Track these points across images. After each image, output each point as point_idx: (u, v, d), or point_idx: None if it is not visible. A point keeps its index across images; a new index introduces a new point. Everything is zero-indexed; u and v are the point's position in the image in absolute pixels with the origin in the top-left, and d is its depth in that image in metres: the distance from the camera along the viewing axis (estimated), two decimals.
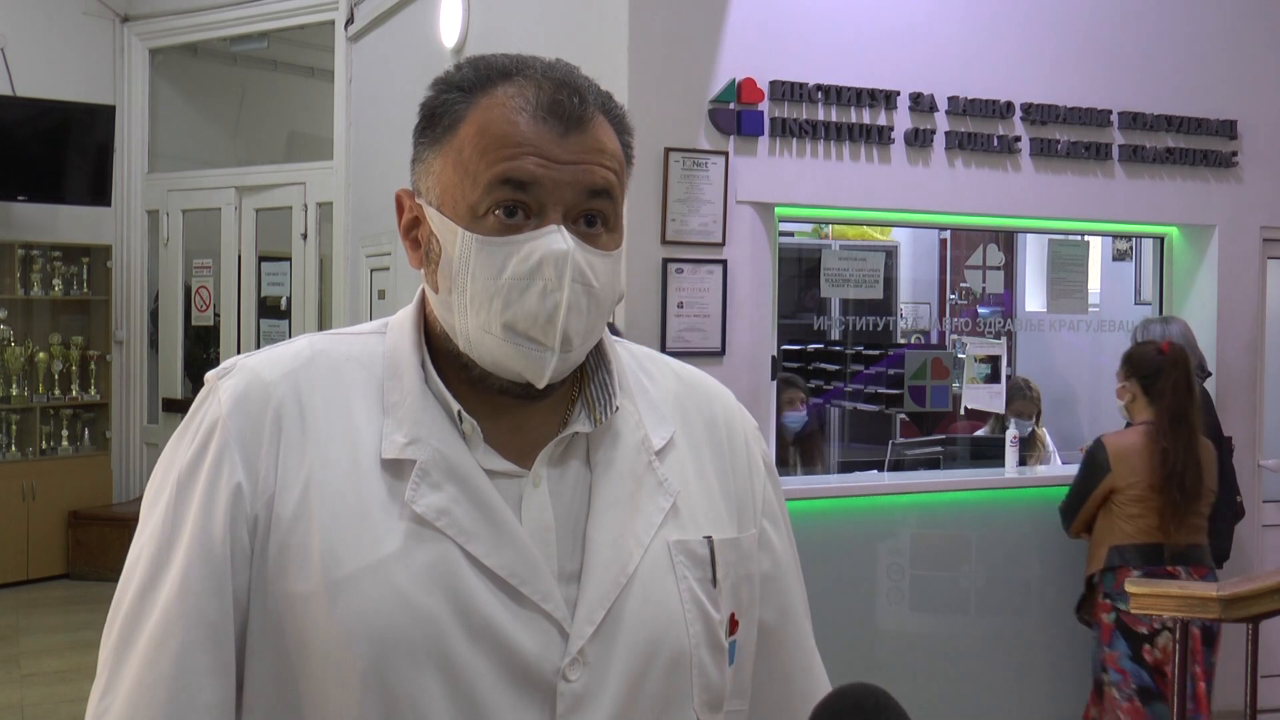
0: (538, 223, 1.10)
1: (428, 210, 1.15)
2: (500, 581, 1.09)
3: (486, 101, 1.12)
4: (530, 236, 1.10)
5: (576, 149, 1.11)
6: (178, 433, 1.15)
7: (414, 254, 1.19)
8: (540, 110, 1.11)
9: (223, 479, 1.09)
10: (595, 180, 1.12)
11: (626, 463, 1.18)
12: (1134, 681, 3.98)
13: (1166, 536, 4.01)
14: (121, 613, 1.10)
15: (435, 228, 1.14)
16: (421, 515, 1.09)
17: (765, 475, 1.30)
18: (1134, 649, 3.99)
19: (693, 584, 1.16)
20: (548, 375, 1.12)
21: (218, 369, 1.17)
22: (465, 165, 1.11)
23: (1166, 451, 4.00)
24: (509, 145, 1.10)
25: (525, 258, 1.09)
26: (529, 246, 1.09)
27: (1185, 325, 5.01)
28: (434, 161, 1.14)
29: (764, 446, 1.32)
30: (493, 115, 1.11)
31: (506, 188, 1.10)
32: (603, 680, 1.10)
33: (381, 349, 1.18)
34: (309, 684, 1.07)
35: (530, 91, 1.12)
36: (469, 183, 1.11)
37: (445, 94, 1.15)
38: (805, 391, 5.48)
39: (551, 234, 1.10)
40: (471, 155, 1.11)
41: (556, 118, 1.11)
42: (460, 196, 1.12)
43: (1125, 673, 3.99)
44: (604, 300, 1.13)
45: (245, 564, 1.09)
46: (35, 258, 8.14)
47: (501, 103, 1.12)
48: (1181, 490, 3.98)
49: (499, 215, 1.10)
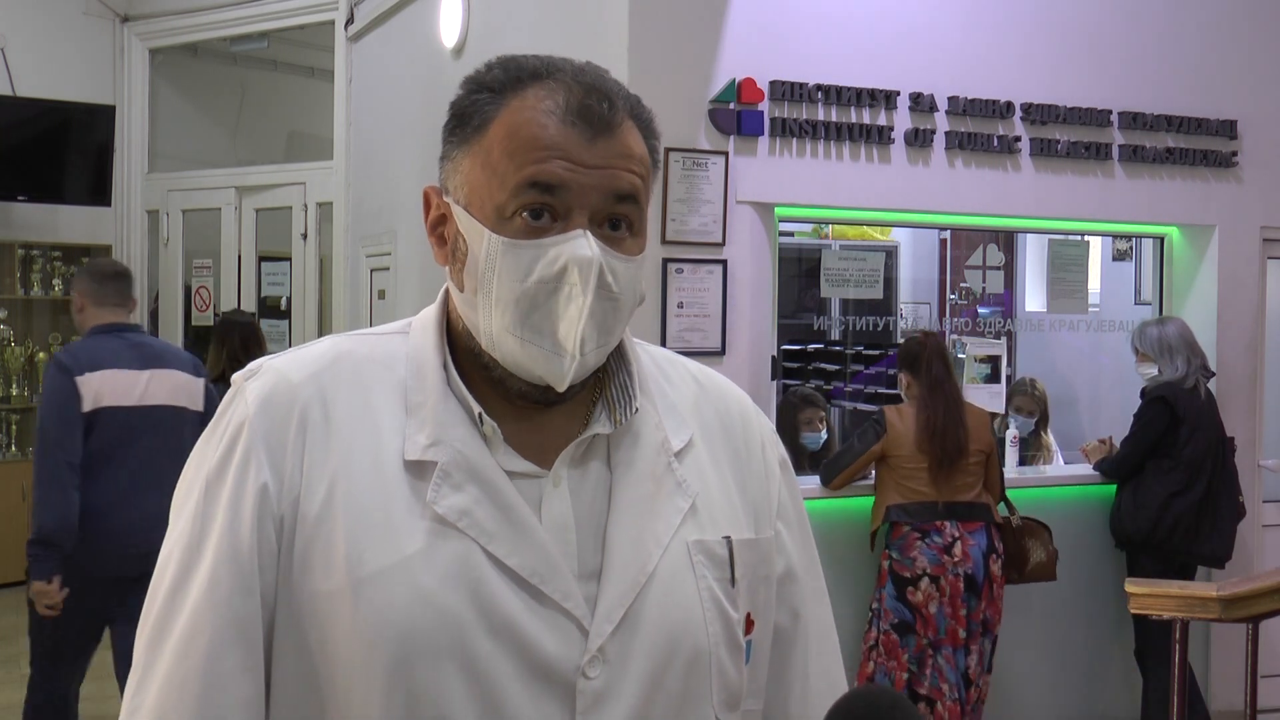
0: (563, 226, 1.11)
1: (455, 209, 1.16)
2: (521, 581, 1.10)
3: (516, 103, 1.13)
4: (556, 241, 1.10)
5: (604, 153, 1.12)
6: (205, 434, 1.18)
7: (439, 251, 1.20)
8: (570, 114, 1.12)
9: (249, 479, 1.11)
10: (622, 186, 1.13)
11: (646, 464, 1.19)
12: (895, 616, 4.39)
13: (938, 493, 4.41)
14: (154, 612, 1.13)
15: (462, 227, 1.15)
16: (443, 516, 1.10)
17: (781, 477, 1.30)
18: (899, 591, 4.39)
19: (711, 583, 1.17)
20: (567, 379, 1.13)
21: (244, 370, 1.19)
22: (493, 166, 1.12)
23: (929, 417, 4.43)
24: (537, 148, 1.10)
25: (551, 261, 1.10)
26: (555, 250, 1.10)
27: (1183, 324, 5.01)
28: (462, 161, 1.15)
29: (781, 449, 1.34)
30: (522, 117, 1.12)
31: (534, 191, 1.10)
32: (622, 678, 1.11)
33: (405, 349, 1.19)
34: (332, 682, 1.09)
35: (560, 95, 1.12)
36: (496, 184, 1.12)
37: (475, 94, 1.15)
38: (825, 409, 5.51)
39: (577, 238, 1.10)
40: (500, 157, 1.12)
41: (586, 122, 1.12)
42: (488, 197, 1.12)
43: (888, 610, 4.40)
44: (625, 305, 1.14)
45: (272, 563, 1.11)
46: (35, 258, 8.14)
47: (531, 105, 1.12)
48: (943, 448, 4.40)
49: (525, 217, 1.11)
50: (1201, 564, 4.92)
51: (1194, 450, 4.81)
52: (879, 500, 4.54)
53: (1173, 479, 4.81)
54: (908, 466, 4.44)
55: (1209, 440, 4.85)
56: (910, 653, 4.35)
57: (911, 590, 4.36)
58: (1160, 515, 4.79)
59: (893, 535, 4.44)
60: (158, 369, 4.08)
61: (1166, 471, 4.83)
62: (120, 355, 4.04)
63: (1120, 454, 4.97)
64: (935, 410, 4.44)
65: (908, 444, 4.46)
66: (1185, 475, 4.80)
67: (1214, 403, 4.96)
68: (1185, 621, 3.44)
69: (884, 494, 4.51)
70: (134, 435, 3.99)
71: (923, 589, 4.35)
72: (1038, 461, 5.73)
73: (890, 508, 4.45)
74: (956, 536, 4.37)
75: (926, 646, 4.34)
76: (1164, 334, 4.96)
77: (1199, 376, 4.90)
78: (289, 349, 1.22)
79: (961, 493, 4.44)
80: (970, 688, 4.39)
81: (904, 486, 4.45)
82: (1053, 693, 5.07)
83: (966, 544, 4.37)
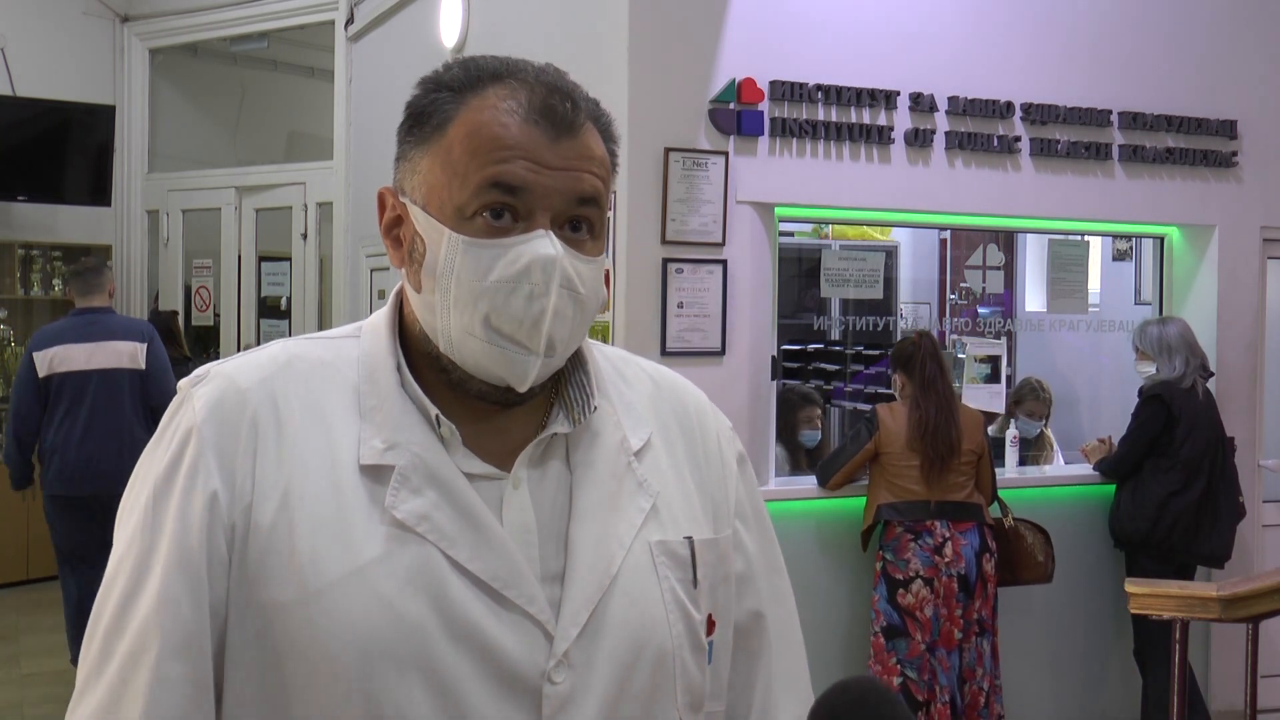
0: (525, 226, 1.10)
1: (412, 209, 1.14)
2: (483, 585, 1.08)
3: (477, 103, 1.11)
4: (518, 240, 1.09)
5: (567, 154, 1.11)
6: (153, 441, 1.14)
7: (395, 253, 1.18)
8: (532, 113, 1.10)
9: (198, 488, 1.08)
10: (584, 188, 1.12)
11: (606, 463, 1.18)
12: (885, 619, 4.40)
13: (929, 492, 4.41)
14: (104, 621, 1.09)
15: (420, 227, 1.13)
16: (402, 521, 1.08)
17: (738, 475, 1.29)
18: (890, 593, 4.39)
19: (674, 584, 1.16)
20: (530, 379, 1.12)
21: (191, 376, 1.16)
22: (454, 166, 1.11)
23: (922, 416, 4.45)
24: (500, 148, 1.09)
25: (512, 261, 1.09)
26: (516, 250, 1.09)
27: (1184, 324, 5.01)
28: (420, 161, 1.13)
29: (738, 446, 1.32)
30: (484, 117, 1.10)
31: (496, 191, 1.09)
32: (587, 682, 1.10)
33: (356, 353, 1.17)
34: (292, 692, 1.07)
35: (522, 94, 1.11)
36: (457, 183, 1.10)
37: (434, 93, 1.14)
38: (822, 407, 5.53)
39: (540, 238, 1.09)
40: (461, 156, 1.10)
41: (549, 121, 1.10)
42: (448, 197, 1.11)
43: (880, 612, 4.41)
44: (589, 306, 1.13)
45: (223, 573, 1.08)
46: (35, 258, 8.15)
47: (493, 104, 1.11)
48: (935, 448, 4.41)
49: (486, 218, 1.10)
50: (1201, 564, 4.92)
51: (1191, 450, 4.81)
52: (871, 499, 4.55)
53: (1171, 479, 4.81)
54: (899, 465, 4.45)
55: (1207, 440, 4.85)
56: (902, 656, 4.35)
57: (902, 593, 4.36)
58: (1159, 515, 4.79)
59: (886, 536, 4.45)
60: (104, 341, 5.33)
61: (1165, 471, 4.83)
62: (74, 332, 5.35)
63: (1118, 454, 4.98)
64: (928, 410, 4.46)
65: (899, 442, 4.47)
66: (1183, 475, 4.80)
67: (1213, 403, 4.96)
68: (1185, 621, 3.44)
69: (876, 492, 4.52)
70: (84, 393, 5.29)
71: (914, 591, 4.35)
72: (1040, 460, 5.73)
73: (882, 506, 4.46)
74: (947, 537, 4.38)
75: (924, 651, 4.34)
76: (1164, 333, 4.96)
77: (1197, 377, 4.90)
78: (238, 354, 1.19)
79: (953, 492, 4.45)
80: (965, 686, 4.39)
81: (895, 485, 4.46)
82: (1052, 693, 5.07)
83: (958, 544, 4.38)
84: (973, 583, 4.39)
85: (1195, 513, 4.80)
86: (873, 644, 4.42)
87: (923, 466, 4.42)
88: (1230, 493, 4.92)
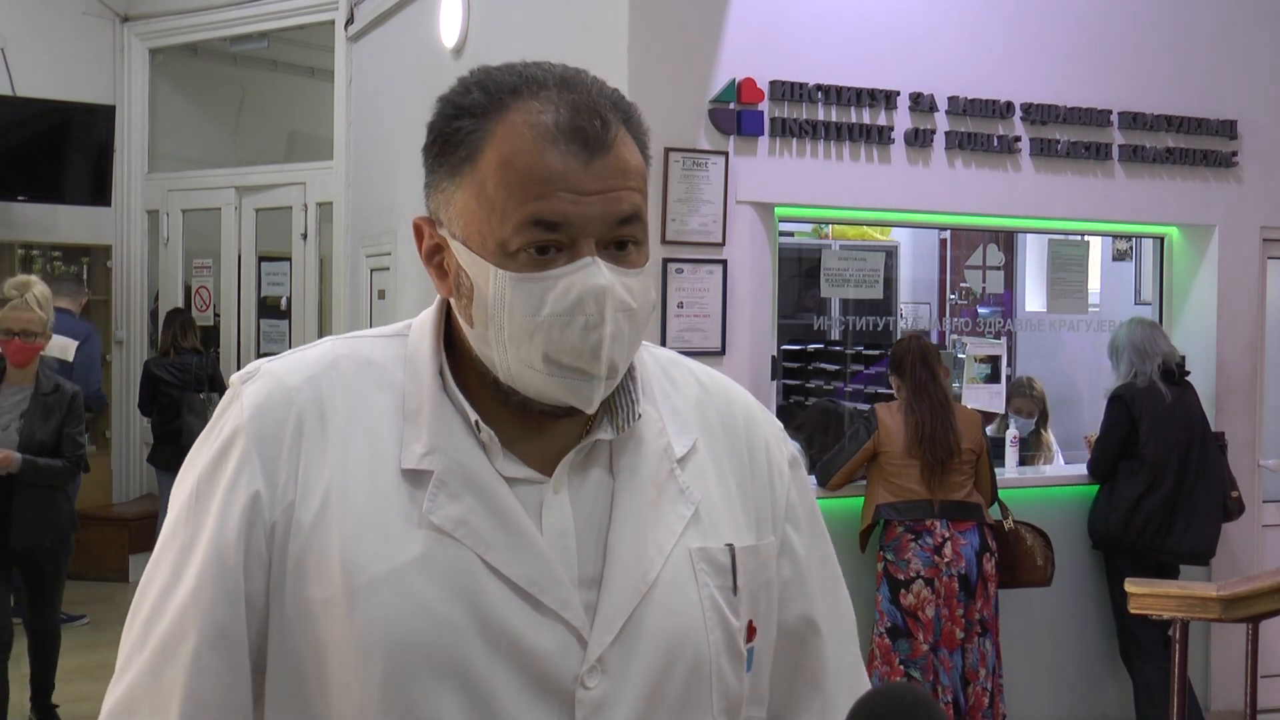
0: (570, 255, 1.08)
1: (453, 244, 1.12)
2: (518, 589, 1.09)
3: (503, 130, 1.08)
4: (566, 271, 1.08)
5: (603, 175, 1.08)
6: (203, 435, 1.16)
7: (441, 283, 1.16)
8: (563, 137, 1.07)
9: (241, 486, 1.10)
10: (624, 209, 1.10)
11: (649, 470, 1.17)
12: (888, 620, 4.40)
13: (930, 492, 4.42)
14: (143, 611, 1.13)
15: (464, 263, 1.11)
16: (439, 526, 1.09)
17: (790, 478, 1.29)
18: (893, 593, 4.39)
19: (714, 591, 1.16)
20: (596, 402, 1.12)
21: (242, 372, 1.17)
22: (490, 201, 1.08)
23: (918, 419, 4.45)
24: (537, 182, 1.07)
25: (564, 294, 1.07)
26: (566, 282, 1.07)
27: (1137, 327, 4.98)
28: (454, 193, 1.11)
29: (790, 449, 1.31)
30: (514, 146, 1.08)
31: (538, 228, 1.07)
32: (621, 688, 1.10)
33: (404, 353, 1.18)
34: (326, 690, 1.09)
35: (549, 115, 1.08)
36: (496, 219, 1.08)
37: (456, 120, 1.11)
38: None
39: (589, 267, 1.08)
40: (497, 191, 1.08)
41: (580, 144, 1.08)
42: (488, 233, 1.09)
43: (883, 613, 4.40)
44: (643, 317, 1.12)
45: (261, 570, 1.10)
46: (35, 258, 8.15)
47: (520, 131, 1.08)
48: (933, 452, 4.41)
49: (530, 253, 1.08)
50: (1181, 562, 4.89)
51: (1155, 449, 4.80)
52: (869, 499, 4.54)
53: (1140, 479, 4.81)
54: (897, 464, 4.45)
55: (1176, 438, 4.81)
56: (905, 657, 4.35)
57: (904, 593, 4.36)
58: (1130, 516, 4.78)
59: (886, 536, 4.44)
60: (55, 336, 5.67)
61: (1135, 473, 4.83)
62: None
63: (1093, 456, 5.00)
64: (922, 415, 4.46)
65: (898, 442, 4.46)
66: (1150, 475, 4.79)
67: (1188, 400, 4.91)
68: (1185, 621, 3.44)
69: (874, 492, 4.51)
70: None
71: (915, 592, 4.35)
72: (1038, 461, 5.73)
73: (880, 506, 4.45)
74: (946, 537, 4.37)
75: (928, 652, 4.34)
76: (1115, 336, 5.02)
77: (1154, 376, 4.87)
78: (288, 351, 1.20)
79: (952, 491, 4.44)
80: (968, 687, 4.39)
81: (894, 484, 4.45)
82: (1050, 693, 5.07)
83: (957, 544, 4.37)
84: (973, 583, 4.39)
85: (1167, 512, 4.77)
86: (877, 645, 4.40)
87: (923, 469, 4.42)
88: (1210, 489, 4.87)
